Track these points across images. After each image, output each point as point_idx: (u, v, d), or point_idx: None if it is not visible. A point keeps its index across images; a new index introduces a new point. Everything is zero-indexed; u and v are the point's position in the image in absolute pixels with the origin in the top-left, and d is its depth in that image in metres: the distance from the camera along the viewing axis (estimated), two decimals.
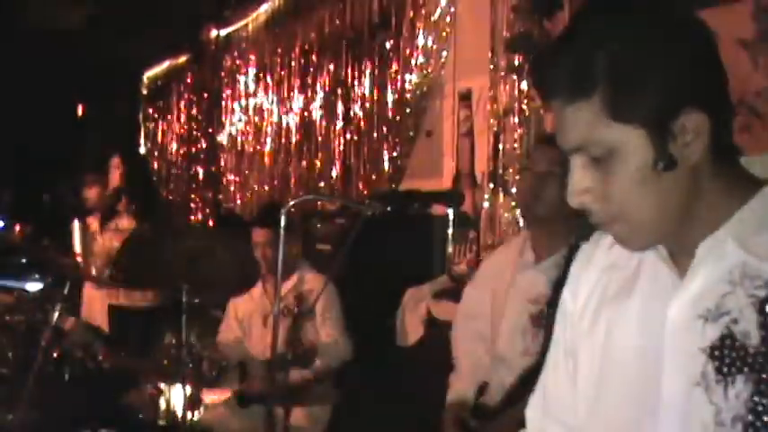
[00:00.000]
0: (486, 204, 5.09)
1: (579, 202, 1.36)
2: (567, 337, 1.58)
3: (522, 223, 4.50)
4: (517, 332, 3.04)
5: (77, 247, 6.56)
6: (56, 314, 4.29)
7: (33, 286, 4.06)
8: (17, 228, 7.25)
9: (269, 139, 8.14)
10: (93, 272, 6.19)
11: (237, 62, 8.82)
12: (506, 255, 3.30)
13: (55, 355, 4.32)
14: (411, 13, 5.94)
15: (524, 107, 4.77)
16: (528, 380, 2.79)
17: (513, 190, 4.76)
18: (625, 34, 1.28)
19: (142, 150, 11.04)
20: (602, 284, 1.52)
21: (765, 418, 1.23)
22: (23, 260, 4.58)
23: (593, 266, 1.55)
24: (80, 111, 11.53)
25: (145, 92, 11.17)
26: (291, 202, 3.07)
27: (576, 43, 1.30)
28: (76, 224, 6.73)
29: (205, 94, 9.65)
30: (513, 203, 4.76)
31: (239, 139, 8.80)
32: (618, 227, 1.36)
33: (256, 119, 8.41)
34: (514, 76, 4.80)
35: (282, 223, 2.99)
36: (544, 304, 2.91)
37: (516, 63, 4.79)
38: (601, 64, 1.27)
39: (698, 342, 1.31)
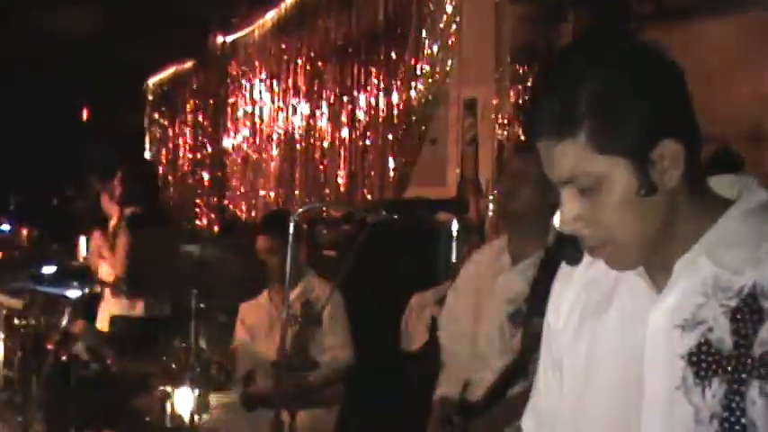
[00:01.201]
0: (489, 211, 5.15)
1: (572, 228, 1.46)
2: (553, 351, 1.68)
3: None
4: (496, 332, 3.15)
5: (84, 255, 6.60)
6: (65, 318, 4.33)
7: (73, 293, 4.12)
8: (24, 232, 7.29)
9: (274, 146, 8.19)
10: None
11: (243, 68, 8.88)
12: (486, 257, 3.42)
13: (63, 358, 4.36)
14: (417, 22, 6.01)
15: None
16: (507, 377, 2.89)
17: None
18: (603, 76, 1.39)
19: (148, 156, 11.08)
20: (582, 299, 1.62)
21: (738, 413, 1.34)
22: (60, 267, 4.62)
23: (574, 283, 1.65)
24: (85, 116, 11.58)
25: (150, 97, 11.23)
26: (299, 210, 3.12)
27: (558, 88, 1.42)
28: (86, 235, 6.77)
29: (211, 101, 9.70)
30: None
31: (245, 145, 8.85)
32: (608, 250, 1.47)
33: (262, 125, 8.47)
34: (519, 86, 4.86)
35: (291, 230, 3.05)
36: (522, 303, 3.00)
37: (520, 73, 4.85)
38: (583, 105, 1.38)
39: (677, 349, 1.41)
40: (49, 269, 4.31)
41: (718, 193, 1.48)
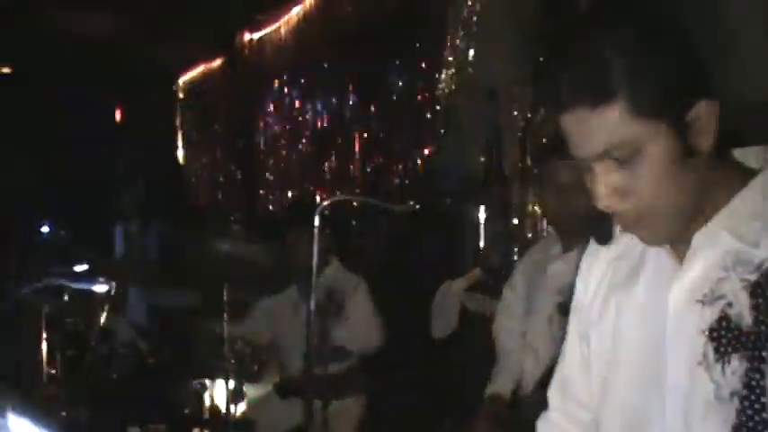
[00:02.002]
0: (514, 198, 5.21)
1: (609, 204, 1.43)
2: (581, 325, 1.70)
3: None
4: (544, 322, 3.17)
5: (119, 251, 6.72)
6: (104, 315, 4.43)
7: (100, 288, 4.22)
8: (62, 233, 7.39)
9: (303, 140, 8.27)
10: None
11: (271, 64, 8.95)
12: (538, 252, 3.45)
13: (103, 354, 4.46)
14: (439, 13, 6.04)
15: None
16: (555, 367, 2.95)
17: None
18: (634, 34, 1.36)
19: (180, 155, 11.19)
20: (609, 274, 1.63)
21: (758, 391, 1.33)
22: (88, 264, 4.71)
23: (603, 257, 1.66)
24: (118, 116, 11.70)
25: (181, 96, 11.33)
26: (325, 203, 3.20)
27: (587, 50, 1.37)
28: (118, 229, 6.89)
29: (240, 97, 9.78)
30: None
31: (274, 140, 8.94)
32: (644, 223, 1.44)
33: (290, 120, 8.55)
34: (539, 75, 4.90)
35: (316, 223, 3.13)
36: (569, 293, 3.03)
37: (541, 62, 4.88)
38: (619, 67, 1.34)
39: (697, 324, 1.42)
40: (80, 267, 4.41)
41: (744, 163, 1.47)
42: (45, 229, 7.65)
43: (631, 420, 1.55)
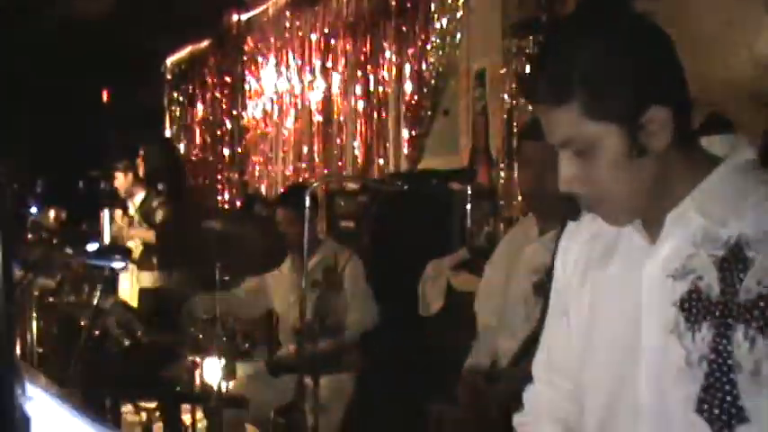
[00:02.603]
0: (501, 179, 5.28)
1: (569, 188, 1.59)
2: (561, 301, 1.83)
3: None
4: (520, 300, 3.24)
5: (107, 235, 6.75)
6: (97, 295, 4.47)
7: (118, 265, 4.28)
8: (51, 213, 7.42)
9: (291, 121, 8.32)
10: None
11: (259, 45, 8.98)
12: (519, 233, 3.53)
13: (96, 333, 4.50)
14: None
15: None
16: (530, 344, 3.01)
17: None
18: (594, 46, 1.50)
19: (168, 134, 11.22)
20: (586, 252, 1.76)
21: (725, 355, 1.47)
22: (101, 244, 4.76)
23: (579, 237, 1.79)
24: (105, 97, 11.70)
25: (169, 77, 11.34)
26: (315, 183, 3.27)
27: (554, 57, 1.54)
28: (106, 213, 6.93)
29: (228, 78, 9.81)
30: None
31: (262, 121, 8.98)
32: (603, 207, 1.60)
33: (279, 101, 8.59)
34: (523, 57, 4.96)
35: (307, 203, 3.20)
36: (544, 273, 3.11)
37: (526, 44, 4.95)
38: (577, 74, 1.49)
39: (669, 297, 1.55)
40: (92, 246, 4.47)
41: (710, 151, 1.59)
42: (34, 210, 7.68)
43: (610, 386, 1.66)
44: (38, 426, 1.16)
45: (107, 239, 6.71)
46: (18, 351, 4.58)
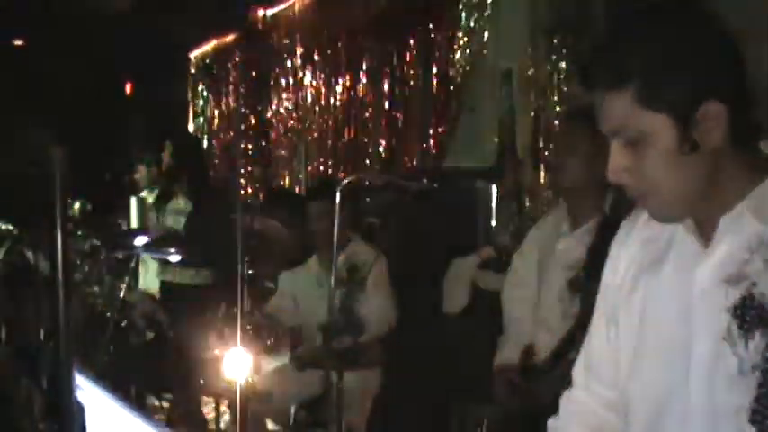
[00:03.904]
0: (527, 179, 5.28)
1: (617, 178, 1.57)
2: (609, 307, 1.78)
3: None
4: (556, 297, 3.24)
5: (134, 225, 6.77)
6: (123, 287, 4.52)
7: (174, 258, 4.30)
8: (76, 206, 7.44)
9: (316, 117, 8.33)
10: None
11: (285, 41, 8.99)
12: (549, 225, 3.51)
13: (122, 325, 4.54)
14: None
15: (563, 86, 4.94)
16: (568, 341, 3.02)
17: None
18: (657, 36, 1.50)
19: (191, 128, 11.23)
20: (638, 257, 1.72)
21: None
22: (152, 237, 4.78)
23: (632, 241, 1.75)
24: (129, 89, 11.73)
25: (193, 71, 11.36)
26: (346, 180, 3.29)
27: (616, 43, 1.53)
28: (134, 202, 6.95)
29: (253, 73, 9.82)
30: None
31: (287, 116, 8.99)
32: (650, 201, 1.57)
33: (304, 96, 8.60)
34: (553, 56, 4.96)
35: (338, 198, 3.21)
36: (579, 269, 3.11)
37: (555, 42, 4.95)
38: (635, 61, 1.48)
39: (722, 303, 1.51)
40: (142, 239, 4.49)
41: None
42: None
43: (657, 395, 1.63)
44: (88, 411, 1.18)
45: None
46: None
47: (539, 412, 2.66)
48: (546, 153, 5.11)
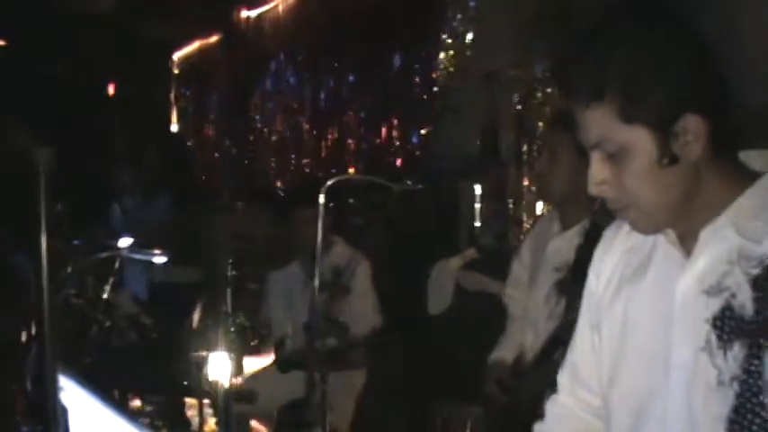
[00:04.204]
0: (511, 180, 5.30)
1: (598, 191, 1.57)
2: (592, 314, 1.79)
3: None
4: (543, 298, 3.27)
5: (118, 226, 6.73)
6: (107, 288, 4.49)
7: (159, 259, 4.29)
8: (60, 206, 7.39)
9: (300, 117, 8.32)
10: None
11: (268, 42, 8.98)
12: (543, 226, 3.54)
13: (106, 325, 4.51)
14: None
15: (546, 88, 4.96)
16: (553, 343, 3.04)
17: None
18: (633, 48, 1.49)
19: (175, 130, 11.20)
20: (621, 265, 1.73)
21: (756, 376, 1.44)
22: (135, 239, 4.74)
23: (615, 250, 1.75)
24: (111, 91, 11.67)
25: (176, 72, 11.33)
26: (330, 182, 3.28)
27: (591, 55, 1.52)
28: (118, 203, 6.92)
29: (237, 74, 9.80)
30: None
31: (271, 117, 8.98)
32: (630, 213, 1.57)
33: (288, 97, 8.59)
34: (536, 58, 4.98)
35: (322, 200, 3.20)
36: (567, 271, 3.13)
37: (539, 45, 4.97)
38: (612, 74, 1.48)
39: (702, 313, 1.52)
40: (125, 241, 4.46)
41: (749, 166, 1.56)
42: None
43: (638, 403, 1.64)
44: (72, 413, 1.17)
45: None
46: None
47: (519, 412, 2.67)
48: (530, 154, 5.12)
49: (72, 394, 1.31)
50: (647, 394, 1.62)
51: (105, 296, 4.49)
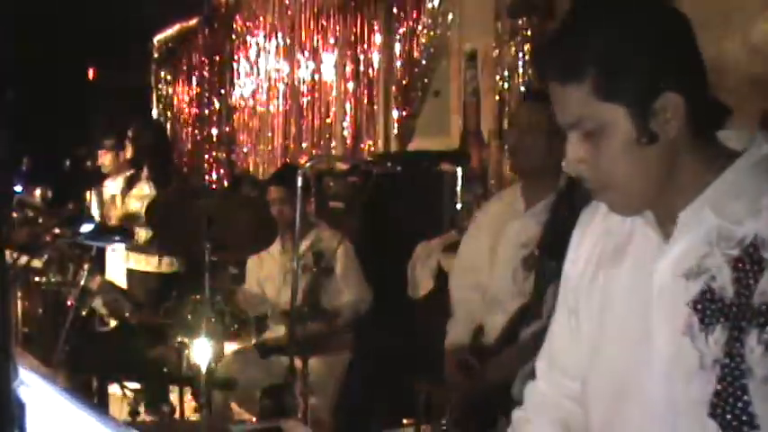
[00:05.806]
0: (492, 161, 5.27)
1: (575, 170, 1.54)
2: (569, 298, 1.76)
3: None
4: (509, 275, 3.23)
5: (95, 213, 6.68)
6: (84, 275, 4.44)
7: (119, 246, 4.24)
8: (37, 192, 7.34)
9: (280, 100, 8.28)
10: None
11: (248, 24, 8.93)
12: (499, 206, 3.50)
13: (83, 313, 4.47)
14: None
15: (528, 68, 4.93)
16: (520, 319, 3.05)
17: None
18: (612, 26, 1.47)
19: (155, 114, 11.14)
20: (598, 249, 1.70)
21: (738, 359, 1.41)
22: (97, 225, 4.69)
23: (591, 233, 1.72)
24: (91, 75, 11.59)
25: (156, 55, 11.25)
26: (308, 164, 3.25)
27: (570, 33, 1.50)
28: (93, 191, 6.86)
29: (216, 57, 9.75)
30: None
31: (251, 100, 8.94)
32: (608, 193, 1.55)
33: (267, 80, 8.55)
34: (518, 38, 4.95)
35: (299, 183, 3.16)
36: (534, 247, 3.10)
37: (519, 24, 4.93)
38: (590, 52, 1.46)
39: (682, 297, 1.49)
40: (87, 227, 4.40)
41: (727, 145, 1.53)
42: (18, 188, 7.60)
43: (616, 388, 1.62)
44: (31, 409, 1.13)
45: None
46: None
47: (491, 393, 2.64)
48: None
49: (34, 389, 1.26)
50: (627, 379, 1.59)
51: (83, 283, 4.45)
